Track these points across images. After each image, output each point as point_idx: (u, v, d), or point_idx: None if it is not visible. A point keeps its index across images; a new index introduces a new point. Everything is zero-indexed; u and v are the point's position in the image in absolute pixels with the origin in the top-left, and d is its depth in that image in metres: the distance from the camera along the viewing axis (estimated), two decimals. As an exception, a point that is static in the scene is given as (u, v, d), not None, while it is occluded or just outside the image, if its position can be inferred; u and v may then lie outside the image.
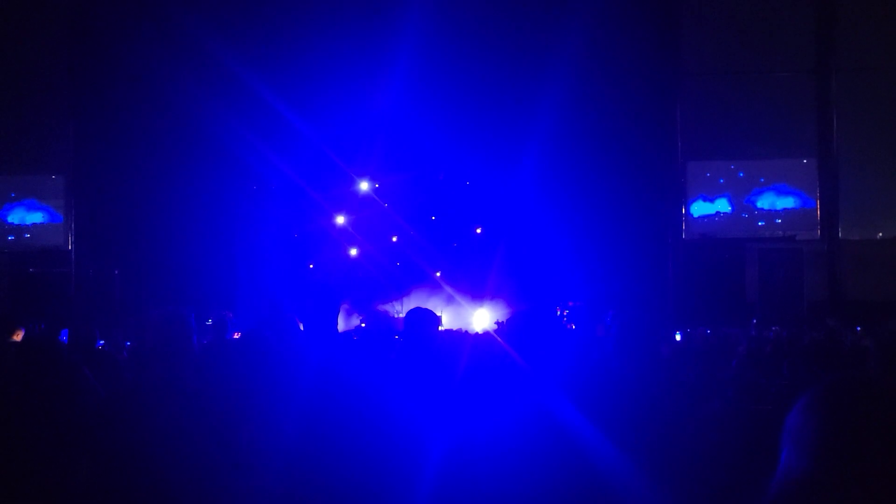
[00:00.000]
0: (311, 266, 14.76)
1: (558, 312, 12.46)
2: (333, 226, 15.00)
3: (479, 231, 14.94)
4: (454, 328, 11.82)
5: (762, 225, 14.45)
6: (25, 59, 14.31)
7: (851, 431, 1.35)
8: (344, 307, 13.91)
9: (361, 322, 13.87)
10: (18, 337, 5.30)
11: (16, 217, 14.70)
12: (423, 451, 3.05)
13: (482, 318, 13.44)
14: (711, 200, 14.53)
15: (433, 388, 3.33)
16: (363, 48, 13.32)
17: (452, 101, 13.46)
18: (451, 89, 13.47)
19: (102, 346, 6.80)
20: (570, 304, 12.81)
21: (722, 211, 14.51)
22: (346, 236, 15.01)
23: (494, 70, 13.39)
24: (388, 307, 14.29)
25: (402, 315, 12.82)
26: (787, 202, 14.37)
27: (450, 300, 14.31)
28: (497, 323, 12.03)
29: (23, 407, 3.11)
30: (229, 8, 13.24)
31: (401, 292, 14.46)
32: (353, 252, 14.90)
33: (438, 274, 14.58)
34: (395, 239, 14.93)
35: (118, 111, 13.65)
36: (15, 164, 14.56)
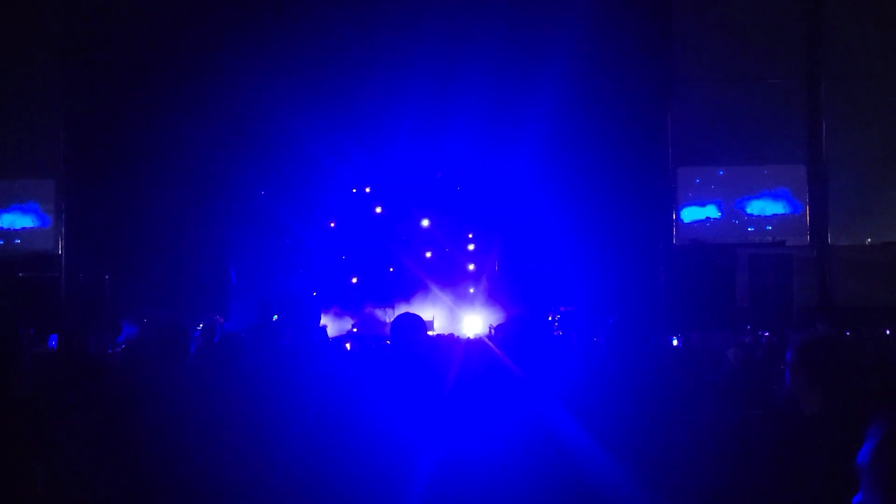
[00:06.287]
0: (303, 271, 14.73)
1: (549, 318, 12.47)
2: (326, 230, 14.98)
3: (471, 236, 14.95)
4: (446, 333, 11.81)
5: (752, 230, 14.50)
6: (17, 62, 14.24)
7: None
8: (332, 312, 13.88)
9: (353, 327, 13.86)
10: None
11: (5, 221, 14.59)
12: (413, 462, 3.03)
13: (474, 322, 13.45)
14: (702, 206, 14.58)
15: (422, 395, 3.30)
16: (356, 46, 13.31)
17: (445, 106, 13.47)
18: (442, 96, 13.48)
19: (93, 351, 6.77)
20: (562, 309, 12.83)
21: (712, 216, 14.56)
22: (339, 240, 14.99)
23: (485, 76, 13.39)
24: (379, 312, 14.28)
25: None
26: (776, 208, 14.43)
27: (442, 305, 14.30)
28: (489, 328, 12.04)
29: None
30: (220, 12, 13.21)
31: (393, 297, 14.45)
32: (344, 257, 14.89)
33: (431, 279, 14.58)
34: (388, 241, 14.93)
35: (109, 116, 13.58)
36: (5, 168, 14.46)
